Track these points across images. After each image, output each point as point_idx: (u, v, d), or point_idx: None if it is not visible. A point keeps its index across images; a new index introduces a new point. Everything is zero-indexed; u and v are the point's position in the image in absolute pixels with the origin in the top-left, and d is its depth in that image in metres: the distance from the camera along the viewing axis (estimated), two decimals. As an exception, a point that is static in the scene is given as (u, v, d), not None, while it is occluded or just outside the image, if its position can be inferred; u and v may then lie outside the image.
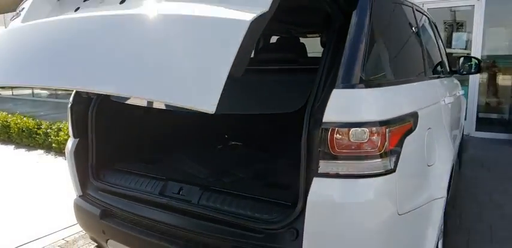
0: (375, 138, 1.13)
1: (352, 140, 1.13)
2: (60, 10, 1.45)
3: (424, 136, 1.42)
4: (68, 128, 5.32)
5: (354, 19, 1.28)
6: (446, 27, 6.26)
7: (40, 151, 5.52)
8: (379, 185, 1.17)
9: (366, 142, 1.13)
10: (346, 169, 1.14)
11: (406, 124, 1.26)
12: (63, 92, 13.15)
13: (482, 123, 6.00)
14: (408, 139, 1.26)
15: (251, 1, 0.96)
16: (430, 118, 1.54)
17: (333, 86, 1.18)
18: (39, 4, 1.46)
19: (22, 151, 5.63)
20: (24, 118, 6.20)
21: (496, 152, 5.07)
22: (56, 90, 12.38)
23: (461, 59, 3.24)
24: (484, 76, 6.04)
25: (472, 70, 3.21)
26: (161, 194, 1.54)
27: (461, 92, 3.25)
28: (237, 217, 1.32)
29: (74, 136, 1.85)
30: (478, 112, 5.97)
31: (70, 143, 1.89)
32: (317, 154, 1.15)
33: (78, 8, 1.37)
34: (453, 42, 6.23)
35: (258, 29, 0.92)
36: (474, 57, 3.25)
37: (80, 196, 1.87)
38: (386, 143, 1.15)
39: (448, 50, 6.24)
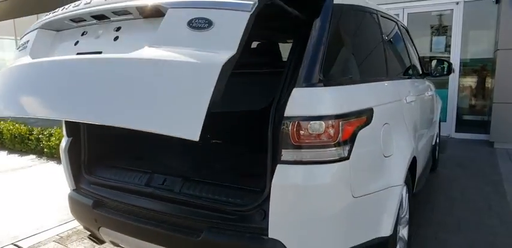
0: (330, 129, 1.31)
1: (310, 132, 1.30)
2: (60, 41, 1.66)
3: (380, 130, 1.59)
4: (58, 133, 5.46)
5: (314, 27, 1.46)
6: (427, 31, 6.51)
7: (32, 156, 5.63)
8: (334, 170, 1.33)
9: (322, 134, 1.30)
10: (305, 157, 1.31)
11: (360, 118, 1.43)
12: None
13: (461, 125, 6.23)
14: (362, 132, 1.43)
15: (223, 46, 1.17)
16: (387, 114, 1.72)
17: (294, 85, 1.36)
18: (42, 37, 1.66)
19: (15, 156, 5.74)
20: (16, 125, 6.29)
21: (473, 152, 5.28)
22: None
23: (434, 62, 3.45)
24: (463, 79, 6.28)
25: (444, 72, 3.42)
26: (147, 185, 1.70)
27: (432, 93, 3.46)
28: (214, 202, 1.47)
29: (68, 136, 2.00)
30: (457, 114, 6.19)
31: (64, 142, 2.04)
32: (280, 144, 1.33)
33: (77, 42, 1.57)
34: (433, 46, 6.46)
35: (229, 68, 1.13)
36: (445, 60, 3.46)
37: (73, 190, 2.01)
38: (340, 134, 1.33)
39: (429, 53, 6.49)
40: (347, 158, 1.35)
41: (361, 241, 1.46)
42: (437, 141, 4.47)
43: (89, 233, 2.00)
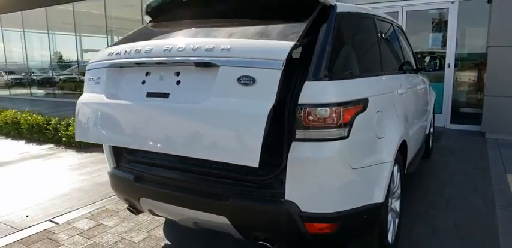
0: (333, 114, 1.64)
1: (318, 116, 1.64)
2: (128, 79, 2.03)
3: (374, 116, 1.92)
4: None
5: (321, 32, 1.79)
6: (425, 28, 6.81)
7: (50, 145, 5.95)
8: (336, 146, 1.66)
9: (327, 118, 1.64)
10: (314, 136, 1.64)
11: (357, 106, 1.76)
12: (60, 92, 13.58)
13: (456, 116, 6.57)
14: (359, 117, 1.75)
15: (265, 98, 1.56)
16: (380, 103, 2.04)
17: (306, 79, 1.69)
18: (111, 75, 2.05)
19: (34, 145, 6.06)
20: (34, 115, 6.61)
21: (465, 142, 5.63)
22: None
23: (427, 58, 3.79)
24: (458, 73, 6.59)
25: (436, 67, 3.76)
26: (181, 161, 2.03)
27: (425, 86, 3.79)
28: (242, 174, 1.82)
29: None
30: (452, 106, 6.52)
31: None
32: (294, 126, 1.66)
33: (144, 82, 1.94)
34: (431, 41, 6.76)
35: (271, 113, 1.54)
36: (437, 57, 3.80)
37: (114, 168, 2.35)
38: (341, 118, 1.66)
39: (427, 49, 6.79)
40: (346, 137, 1.69)
41: (358, 204, 1.81)
42: (432, 131, 4.81)
43: (128, 205, 2.34)
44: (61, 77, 13.92)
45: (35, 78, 14.99)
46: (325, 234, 1.75)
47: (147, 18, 2.48)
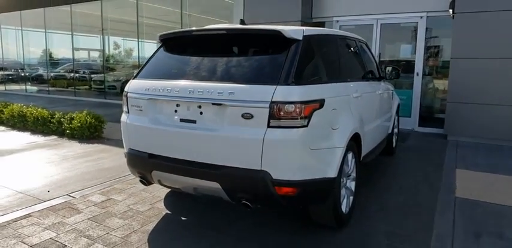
0: (296, 109, 2.30)
1: (286, 110, 2.30)
2: (163, 108, 2.78)
3: (329, 112, 2.57)
4: (79, 117, 6.32)
5: (290, 50, 2.47)
6: (397, 39, 7.56)
7: (54, 137, 6.48)
8: (298, 132, 2.30)
9: (292, 111, 2.29)
10: (283, 124, 2.28)
11: (315, 104, 2.41)
12: (54, 89, 14.08)
13: (423, 120, 7.31)
14: (316, 112, 2.39)
15: (260, 127, 2.38)
16: (336, 103, 2.69)
17: (278, 84, 2.35)
18: (150, 104, 2.80)
19: (39, 136, 6.57)
20: (39, 109, 7.13)
21: (429, 143, 6.36)
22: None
23: (388, 68, 4.50)
24: (425, 81, 7.35)
25: (394, 76, 4.47)
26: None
27: (387, 92, 4.49)
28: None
29: (127, 113, 3.00)
30: (420, 111, 7.27)
31: (125, 116, 3.01)
32: (269, 117, 2.30)
33: (176, 111, 2.70)
34: (401, 52, 7.52)
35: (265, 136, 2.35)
36: (395, 67, 4.50)
37: (130, 149, 2.98)
38: (302, 112, 2.31)
39: (398, 58, 7.54)
40: (306, 126, 2.34)
41: (314, 176, 2.45)
42: (397, 131, 5.51)
43: (140, 177, 2.96)
44: (53, 74, 14.48)
45: (28, 74, 15.47)
46: (289, 196, 2.40)
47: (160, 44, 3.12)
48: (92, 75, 13.41)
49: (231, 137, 2.40)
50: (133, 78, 2.98)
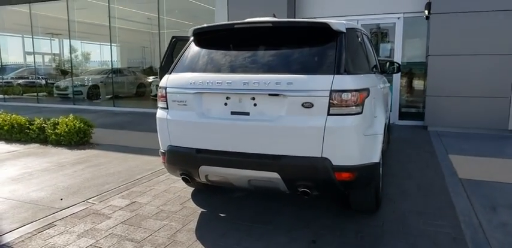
0: (353, 97, 2.39)
1: (344, 98, 2.38)
2: (211, 101, 2.74)
3: (372, 101, 2.69)
4: (65, 122, 5.97)
5: (338, 42, 2.56)
6: (377, 39, 7.95)
7: (35, 144, 6.01)
8: (355, 119, 2.39)
9: (350, 99, 2.38)
10: (342, 112, 2.36)
11: (365, 92, 2.52)
12: (11, 96, 13.12)
13: (403, 114, 7.76)
14: (366, 100, 2.50)
15: (321, 116, 2.45)
16: (374, 93, 2.81)
17: (334, 73, 2.43)
18: (195, 98, 2.75)
19: (17, 144, 6.04)
20: (13, 115, 6.59)
21: (413, 134, 6.77)
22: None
23: (388, 63, 4.75)
24: (404, 78, 7.80)
25: (394, 71, 4.73)
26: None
27: (388, 85, 4.75)
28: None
29: (165, 109, 2.89)
30: (400, 105, 7.70)
31: (164, 112, 2.89)
32: (329, 105, 2.37)
33: (226, 104, 2.67)
34: (381, 50, 7.93)
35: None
36: (396, 62, 4.76)
37: (171, 146, 2.87)
38: (358, 100, 2.41)
39: (378, 57, 7.93)
40: (361, 113, 2.44)
41: (367, 161, 2.54)
42: (388, 123, 5.82)
43: (182, 175, 2.87)
44: (9, 80, 13.52)
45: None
46: (347, 181, 2.48)
47: (192, 38, 3.04)
48: (54, 81, 12.70)
49: (291, 126, 2.42)
50: (170, 73, 2.91)
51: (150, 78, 12.09)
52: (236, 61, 2.77)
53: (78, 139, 5.86)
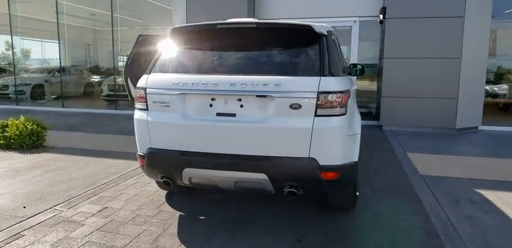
0: (338, 98, 2.47)
1: (329, 99, 2.45)
2: (195, 103, 2.69)
3: (351, 102, 2.81)
4: (15, 124, 5.51)
5: (321, 45, 2.63)
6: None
7: (-20, 149, 5.54)
8: (340, 120, 2.47)
9: (335, 100, 2.46)
10: (328, 113, 2.43)
11: (348, 94, 2.61)
12: None
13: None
14: (349, 101, 2.61)
15: (307, 116, 2.50)
16: (351, 94, 2.94)
17: (320, 75, 2.49)
18: (179, 99, 2.66)
19: (-41, 149, 5.55)
20: (-48, 118, 6.01)
21: (370, 133, 7.05)
22: None
23: (351, 65, 4.95)
24: (359, 80, 8.14)
25: (358, 73, 4.94)
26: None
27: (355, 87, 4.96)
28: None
29: (145, 110, 2.78)
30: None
31: (143, 114, 2.78)
32: (316, 106, 2.43)
33: (211, 105, 2.63)
34: (338, 54, 8.21)
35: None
36: (359, 64, 4.98)
37: (151, 148, 2.76)
38: (343, 101, 2.49)
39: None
40: (345, 114, 2.54)
41: (349, 160, 2.64)
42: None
43: (163, 178, 2.77)
44: None
45: None
46: (331, 180, 2.56)
47: (171, 38, 2.91)
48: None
49: (278, 127, 2.45)
50: (149, 73, 2.81)
51: (97, 77, 11.57)
52: (221, 62, 2.74)
53: (31, 142, 5.44)
